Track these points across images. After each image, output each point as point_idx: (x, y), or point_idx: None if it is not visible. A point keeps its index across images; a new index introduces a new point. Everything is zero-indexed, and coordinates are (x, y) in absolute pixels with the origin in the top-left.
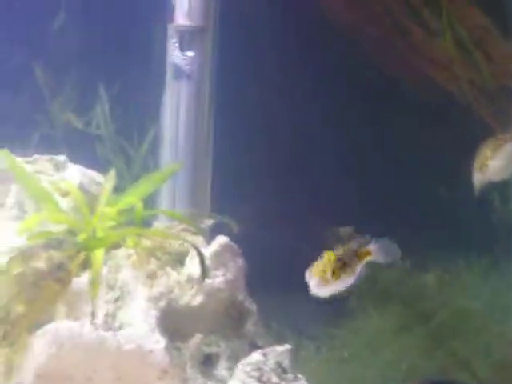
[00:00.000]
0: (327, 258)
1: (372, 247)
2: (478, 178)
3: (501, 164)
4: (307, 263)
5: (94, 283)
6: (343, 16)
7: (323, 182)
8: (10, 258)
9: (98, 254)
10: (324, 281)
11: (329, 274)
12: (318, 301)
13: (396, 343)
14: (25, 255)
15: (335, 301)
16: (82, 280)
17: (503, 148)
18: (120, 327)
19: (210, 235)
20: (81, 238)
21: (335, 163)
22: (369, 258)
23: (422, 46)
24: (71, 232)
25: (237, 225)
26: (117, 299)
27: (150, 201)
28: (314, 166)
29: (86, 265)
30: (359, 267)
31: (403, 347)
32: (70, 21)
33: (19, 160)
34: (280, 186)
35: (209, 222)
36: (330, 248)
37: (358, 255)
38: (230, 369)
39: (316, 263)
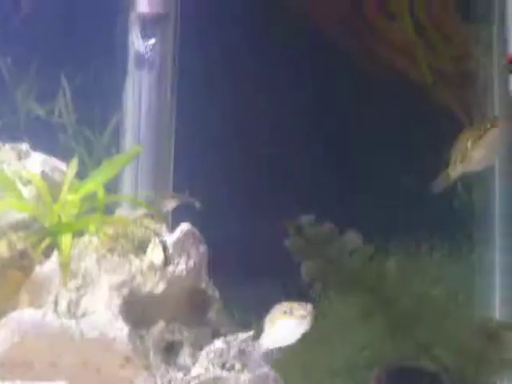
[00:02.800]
0: None
1: None
2: (459, 169)
3: (483, 154)
4: (269, 250)
5: (64, 268)
6: None
7: (285, 169)
8: None
9: (66, 239)
10: None
11: None
12: (282, 286)
13: (359, 329)
14: None
15: (299, 287)
16: (44, 268)
17: (484, 138)
18: (83, 315)
19: (173, 220)
20: (45, 224)
21: (298, 151)
22: None
23: (381, 29)
24: (34, 220)
25: (199, 204)
26: (80, 287)
27: (112, 187)
28: (276, 152)
29: (48, 253)
30: None
31: (367, 333)
32: (32, 10)
33: None
34: (241, 172)
35: (171, 204)
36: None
37: None
38: (194, 356)
39: None
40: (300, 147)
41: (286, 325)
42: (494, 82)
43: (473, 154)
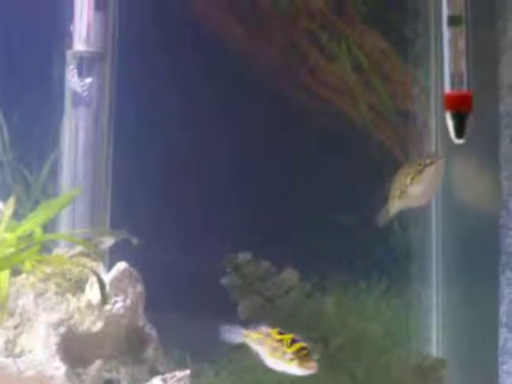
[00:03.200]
0: None
1: None
2: (396, 205)
3: (420, 190)
4: (207, 288)
5: (1, 306)
6: (240, 40)
7: (221, 205)
8: None
9: (3, 277)
10: None
11: None
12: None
13: None
14: None
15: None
16: None
17: (422, 174)
18: (21, 353)
19: (111, 258)
20: None
21: (234, 190)
22: None
23: (321, 71)
24: None
25: (136, 240)
26: (17, 325)
27: (50, 226)
28: (212, 190)
29: None
30: None
31: None
32: None
33: None
34: (179, 210)
35: (109, 242)
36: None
37: None
38: None
39: None
40: (236, 186)
41: None
42: (432, 122)
43: (411, 190)
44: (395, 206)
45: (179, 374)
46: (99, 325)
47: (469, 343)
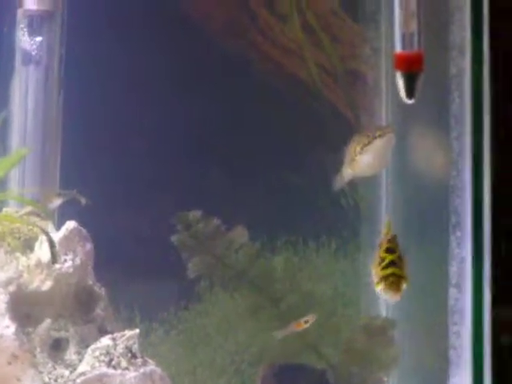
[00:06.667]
0: None
1: None
2: (347, 173)
3: (368, 161)
4: (157, 246)
5: None
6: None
7: (171, 165)
8: None
9: None
10: None
11: None
12: (167, 284)
13: (246, 326)
14: None
15: (185, 284)
16: None
17: (372, 144)
18: None
19: (60, 218)
20: None
21: (186, 147)
22: None
23: (271, 31)
24: None
25: (85, 200)
26: None
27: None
28: (163, 150)
29: None
30: None
31: (253, 330)
32: None
33: None
34: (130, 170)
35: (57, 201)
36: None
37: None
38: (80, 353)
39: None
40: (188, 143)
41: None
42: (382, 82)
43: (359, 159)
44: (348, 173)
45: (128, 333)
46: (48, 284)
47: (419, 304)
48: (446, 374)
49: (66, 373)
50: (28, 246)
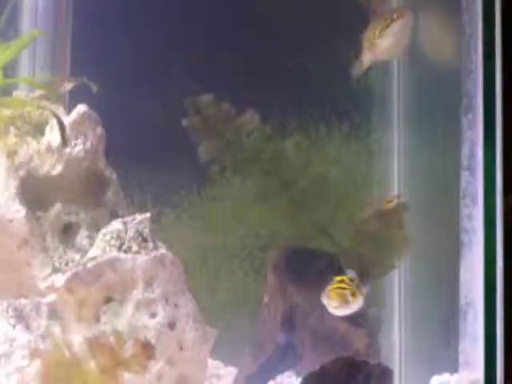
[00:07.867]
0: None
1: None
2: (367, 57)
3: (389, 43)
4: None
5: None
6: None
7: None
8: None
9: None
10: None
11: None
12: (180, 167)
13: (257, 211)
14: None
15: (197, 168)
16: None
17: (391, 27)
18: None
19: (70, 102)
20: None
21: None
22: None
23: None
24: None
25: (96, 86)
26: None
27: (10, 71)
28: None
29: None
30: None
31: (265, 215)
32: None
33: None
34: (142, 55)
35: (68, 86)
36: None
37: None
38: (91, 238)
39: None
40: (199, 26)
41: None
42: None
43: (379, 43)
44: (367, 58)
45: (139, 217)
46: (59, 168)
47: (431, 187)
48: (457, 256)
49: (77, 257)
50: (38, 130)
